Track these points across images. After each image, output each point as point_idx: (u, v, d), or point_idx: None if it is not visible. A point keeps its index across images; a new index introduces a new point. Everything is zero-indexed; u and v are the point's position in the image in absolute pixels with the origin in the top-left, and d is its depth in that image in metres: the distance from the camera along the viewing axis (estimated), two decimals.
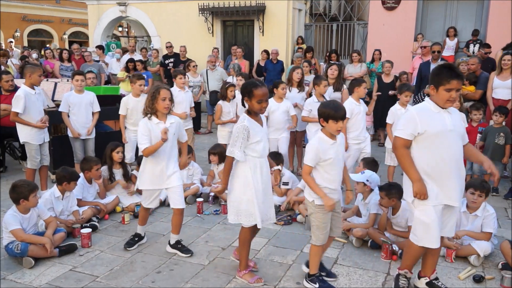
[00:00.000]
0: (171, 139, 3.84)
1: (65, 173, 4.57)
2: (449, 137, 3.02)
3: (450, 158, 3.02)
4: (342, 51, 12.43)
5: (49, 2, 23.92)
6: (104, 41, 13.70)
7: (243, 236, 3.53)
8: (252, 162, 3.36)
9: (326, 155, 3.21)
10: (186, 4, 12.70)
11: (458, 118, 3.14)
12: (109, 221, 4.91)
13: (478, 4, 11.11)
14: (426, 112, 3.06)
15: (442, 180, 3.04)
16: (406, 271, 3.36)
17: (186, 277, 3.66)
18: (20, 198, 3.90)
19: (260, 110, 3.31)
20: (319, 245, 3.36)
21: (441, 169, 3.03)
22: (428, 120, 3.01)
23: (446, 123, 3.01)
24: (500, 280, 3.57)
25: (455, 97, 2.97)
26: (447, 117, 3.03)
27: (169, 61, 11.16)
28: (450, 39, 10.50)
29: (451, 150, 3.03)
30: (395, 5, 11.38)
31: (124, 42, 18.21)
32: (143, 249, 4.20)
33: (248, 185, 3.37)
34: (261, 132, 3.37)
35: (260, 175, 3.39)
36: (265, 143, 3.39)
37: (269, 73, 10.21)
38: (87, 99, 5.96)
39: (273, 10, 12.02)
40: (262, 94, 3.25)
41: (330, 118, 3.18)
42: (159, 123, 3.81)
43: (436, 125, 3.00)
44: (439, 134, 3.00)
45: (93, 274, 3.70)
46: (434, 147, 3.02)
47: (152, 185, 4.00)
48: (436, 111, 3.04)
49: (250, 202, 3.38)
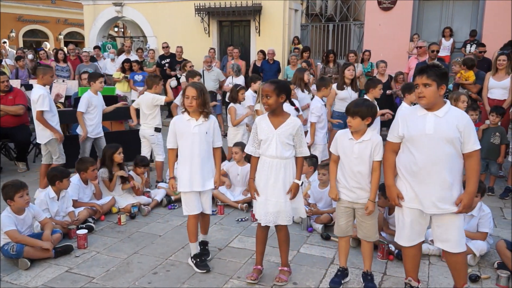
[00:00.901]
0: (199, 139, 3.68)
1: (56, 172, 4.55)
2: (426, 142, 2.90)
3: (425, 163, 2.91)
4: (338, 51, 12.43)
5: (45, 3, 23.84)
6: (100, 41, 13.68)
7: (256, 232, 3.64)
8: (261, 159, 3.44)
9: (341, 148, 3.35)
10: (182, 4, 12.69)
11: (449, 122, 2.87)
12: (105, 222, 4.89)
13: (473, 4, 11.15)
14: (409, 115, 3.04)
15: (417, 185, 2.99)
16: (410, 279, 3.32)
17: (183, 278, 3.65)
18: (6, 198, 3.90)
19: (264, 106, 3.41)
20: (338, 236, 3.53)
21: (415, 173, 2.97)
22: (408, 123, 3.00)
23: (425, 127, 2.90)
24: (496, 279, 3.58)
25: (420, 92, 2.89)
26: (430, 120, 2.90)
27: (165, 61, 11.14)
28: (446, 40, 10.53)
29: (427, 155, 2.90)
30: (391, 5, 11.41)
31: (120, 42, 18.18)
32: (139, 250, 4.18)
33: (256, 182, 3.47)
34: (269, 132, 3.35)
35: (263, 173, 3.40)
36: (271, 144, 3.35)
37: (265, 73, 10.20)
38: (102, 100, 6.17)
39: (270, 10, 12.03)
40: (262, 90, 3.40)
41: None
42: (190, 120, 3.70)
43: (413, 128, 2.96)
44: (414, 138, 2.96)
45: (89, 275, 3.69)
46: (411, 150, 2.98)
47: (183, 187, 3.73)
48: (421, 114, 2.96)
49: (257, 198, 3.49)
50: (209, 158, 3.78)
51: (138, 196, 5.36)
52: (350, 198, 3.37)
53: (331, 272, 3.72)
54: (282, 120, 3.36)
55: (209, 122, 3.73)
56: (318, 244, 4.32)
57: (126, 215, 4.92)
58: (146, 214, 5.08)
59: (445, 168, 2.89)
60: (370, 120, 3.25)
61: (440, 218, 3.01)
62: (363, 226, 3.40)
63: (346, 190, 3.37)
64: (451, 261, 3.11)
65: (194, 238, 3.81)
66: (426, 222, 3.11)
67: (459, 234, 3.02)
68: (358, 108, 3.23)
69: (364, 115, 3.21)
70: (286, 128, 3.34)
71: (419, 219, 3.08)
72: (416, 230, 3.12)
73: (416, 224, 3.09)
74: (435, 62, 3.13)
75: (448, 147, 2.87)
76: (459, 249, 3.03)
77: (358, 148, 3.27)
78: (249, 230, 4.62)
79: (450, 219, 2.98)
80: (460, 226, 3.02)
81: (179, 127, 3.71)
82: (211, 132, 3.76)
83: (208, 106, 3.69)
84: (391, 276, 3.70)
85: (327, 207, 4.74)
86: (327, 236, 4.42)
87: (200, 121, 3.68)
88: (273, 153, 3.34)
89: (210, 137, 3.76)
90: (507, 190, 5.78)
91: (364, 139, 3.27)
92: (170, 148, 3.77)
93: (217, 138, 3.83)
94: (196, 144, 3.67)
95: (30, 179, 6.34)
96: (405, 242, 3.17)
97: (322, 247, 4.25)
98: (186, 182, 3.71)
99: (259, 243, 3.63)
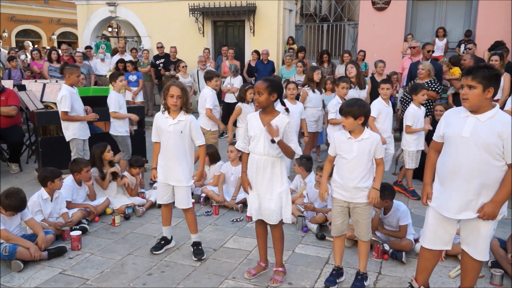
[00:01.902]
0: (174, 137, 3.84)
1: (46, 173, 4.50)
2: (461, 145, 2.80)
3: (455, 167, 2.83)
4: (332, 51, 12.46)
5: (38, 2, 23.69)
6: (94, 41, 13.60)
7: (255, 229, 3.70)
8: (250, 156, 3.49)
9: (339, 148, 3.37)
10: (176, 4, 12.65)
11: (490, 127, 2.71)
12: (99, 223, 4.86)
13: (466, 4, 11.21)
14: (452, 115, 2.97)
15: (446, 188, 2.92)
16: (411, 279, 3.31)
17: (178, 279, 3.63)
18: None
19: (254, 103, 3.47)
20: (333, 235, 3.57)
21: (445, 175, 2.91)
22: (449, 123, 2.94)
23: (462, 129, 2.80)
24: (490, 278, 3.59)
25: (464, 93, 2.77)
26: (470, 123, 2.78)
27: (159, 61, 11.11)
28: (439, 40, 10.58)
29: (460, 159, 2.80)
30: (385, 5, 11.44)
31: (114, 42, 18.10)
32: (133, 251, 4.16)
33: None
34: (258, 129, 3.38)
35: (251, 170, 3.45)
36: (260, 142, 3.37)
37: (260, 73, 10.19)
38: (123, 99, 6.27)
39: (264, 10, 12.02)
40: (254, 86, 3.44)
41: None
42: (167, 118, 3.87)
43: (452, 129, 2.89)
44: (451, 139, 2.90)
45: (83, 277, 3.66)
46: (447, 151, 2.92)
47: (158, 178, 4.01)
48: (463, 115, 2.85)
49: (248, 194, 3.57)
50: (185, 156, 3.93)
51: (133, 197, 5.34)
52: (345, 197, 3.37)
53: (326, 272, 3.73)
54: (271, 118, 3.38)
55: (185, 122, 3.85)
56: (313, 244, 4.32)
57: (120, 216, 4.90)
58: (140, 215, 5.06)
59: (476, 175, 2.76)
60: (363, 119, 3.27)
61: (466, 222, 2.92)
62: (358, 225, 3.42)
63: (342, 190, 3.37)
64: (466, 263, 3.03)
65: (165, 223, 4.19)
66: (454, 230, 3.03)
67: (484, 243, 2.92)
68: (350, 108, 3.25)
69: (356, 114, 3.23)
70: (274, 125, 3.35)
71: (443, 224, 3.00)
72: (440, 235, 3.05)
73: (440, 228, 3.03)
74: (486, 64, 3.02)
75: (483, 153, 2.73)
76: (480, 257, 2.95)
77: (358, 146, 3.28)
78: (244, 230, 4.61)
79: (476, 225, 2.88)
80: (486, 235, 2.89)
81: (158, 123, 3.92)
82: (187, 131, 3.88)
83: (189, 104, 3.89)
84: (386, 275, 3.71)
85: (322, 207, 4.74)
86: (322, 236, 4.43)
87: (176, 120, 3.83)
88: (261, 150, 3.37)
89: (186, 136, 3.89)
90: None
91: (363, 137, 3.29)
92: (154, 141, 4.02)
93: (197, 137, 3.95)
94: (170, 142, 3.86)
95: (23, 180, 6.31)
96: (425, 243, 3.14)
97: (317, 247, 4.25)
98: (160, 174, 3.97)
99: (259, 239, 3.69)
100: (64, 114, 5.52)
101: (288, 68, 9.66)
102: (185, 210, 4.04)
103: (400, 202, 4.24)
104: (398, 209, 4.10)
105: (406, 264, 3.88)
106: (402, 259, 3.87)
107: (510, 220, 4.96)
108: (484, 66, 2.84)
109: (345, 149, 3.33)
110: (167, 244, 4.20)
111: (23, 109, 7.36)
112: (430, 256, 3.16)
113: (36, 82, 8.06)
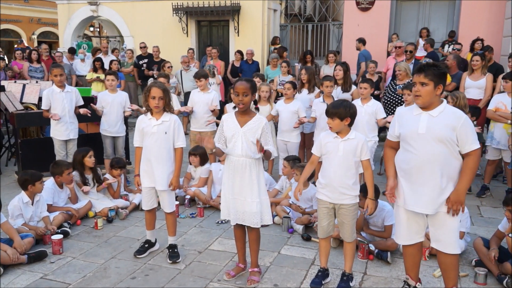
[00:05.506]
0: (158, 138, 3.79)
1: (26, 176, 4.38)
2: (419, 141, 2.89)
3: (416, 163, 2.91)
4: (317, 51, 12.48)
5: (18, 2, 23.22)
6: (75, 41, 13.37)
7: (233, 231, 3.69)
8: (228, 158, 3.45)
9: (325, 148, 3.35)
10: (160, 3, 12.52)
11: (442, 122, 2.84)
12: (81, 227, 4.77)
13: (449, 5, 11.34)
14: (405, 114, 3.05)
15: (410, 184, 2.98)
16: (407, 277, 3.33)
17: (162, 282, 3.58)
18: None
19: (237, 104, 3.35)
20: (319, 237, 3.54)
21: (408, 172, 2.98)
22: (403, 123, 3.03)
23: (418, 127, 2.90)
24: (474, 277, 3.63)
25: (417, 90, 2.88)
26: (424, 120, 2.89)
27: (143, 61, 10.98)
28: (423, 40, 10.66)
29: (420, 155, 2.89)
30: (369, 5, 11.50)
31: (96, 42, 17.85)
32: (116, 254, 4.09)
33: (224, 181, 3.52)
34: (235, 130, 3.36)
35: (229, 172, 3.42)
36: (237, 144, 3.35)
37: (244, 73, 10.13)
38: (120, 99, 6.12)
39: (248, 10, 11.98)
40: (237, 87, 3.33)
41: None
42: (151, 119, 3.82)
43: (407, 128, 2.97)
44: (408, 137, 2.96)
45: (65, 282, 3.59)
46: (406, 149, 2.99)
47: (142, 182, 3.94)
48: (416, 113, 2.95)
49: (222, 196, 3.56)
50: (169, 158, 3.87)
51: (115, 199, 5.26)
52: (330, 199, 3.36)
53: (312, 273, 3.71)
54: (248, 119, 3.37)
55: (169, 122, 3.82)
56: (298, 245, 4.31)
57: (103, 219, 4.82)
58: (123, 218, 4.98)
59: (438, 168, 2.86)
60: (350, 120, 3.26)
61: (433, 218, 3.00)
62: (343, 227, 3.41)
63: (326, 191, 3.36)
64: (442, 261, 3.09)
65: (149, 227, 4.12)
66: (424, 221, 3.09)
67: (452, 236, 2.97)
68: (336, 110, 3.25)
69: (342, 116, 3.23)
70: (251, 126, 3.35)
71: (415, 218, 3.07)
72: (414, 229, 3.11)
73: (413, 223, 3.09)
74: (435, 62, 3.11)
75: (440, 147, 2.84)
76: (451, 251, 2.99)
77: (343, 146, 3.28)
78: (229, 232, 4.56)
79: (443, 219, 2.95)
80: (454, 227, 2.97)
81: (142, 126, 3.85)
82: (171, 132, 3.83)
83: (171, 105, 3.86)
84: (371, 275, 3.71)
85: (306, 206, 4.73)
86: (308, 237, 4.41)
87: (160, 121, 3.79)
88: (239, 151, 3.35)
89: (170, 138, 3.84)
90: (483, 188, 5.88)
91: (350, 137, 3.29)
92: (136, 146, 3.92)
93: (178, 138, 3.90)
94: (154, 143, 3.80)
95: (2, 183, 6.17)
96: (403, 241, 3.20)
97: (303, 248, 4.24)
98: (144, 179, 3.90)
99: (237, 240, 3.69)
100: (43, 111, 5.66)
101: (273, 69, 9.64)
102: (168, 213, 4.00)
103: (385, 202, 4.23)
104: (383, 209, 4.11)
105: (391, 264, 3.89)
106: (387, 259, 3.88)
107: (493, 219, 5.03)
108: (434, 64, 2.97)
109: (331, 149, 3.32)
110: (151, 247, 4.14)
111: (2, 110, 7.19)
112: (413, 250, 3.21)
113: (15, 82, 7.88)
